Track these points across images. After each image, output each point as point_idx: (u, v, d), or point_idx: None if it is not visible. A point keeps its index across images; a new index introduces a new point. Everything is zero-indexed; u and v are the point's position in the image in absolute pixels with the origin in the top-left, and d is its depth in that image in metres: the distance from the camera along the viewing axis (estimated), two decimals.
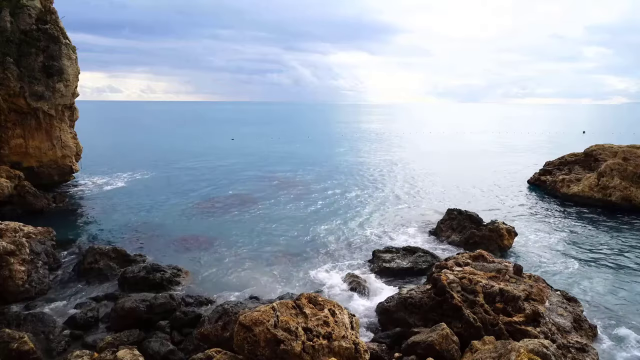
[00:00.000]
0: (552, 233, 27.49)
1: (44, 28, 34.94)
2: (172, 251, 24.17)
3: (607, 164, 34.63)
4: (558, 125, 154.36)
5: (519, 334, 13.51)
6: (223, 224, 29.21)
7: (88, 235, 26.84)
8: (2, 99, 33.16)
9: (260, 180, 44.86)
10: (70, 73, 36.31)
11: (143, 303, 16.31)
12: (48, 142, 36.64)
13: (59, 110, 36.74)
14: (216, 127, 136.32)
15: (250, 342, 11.30)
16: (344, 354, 11.50)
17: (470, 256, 18.83)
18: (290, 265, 22.28)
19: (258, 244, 25.26)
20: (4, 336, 13.50)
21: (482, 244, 23.46)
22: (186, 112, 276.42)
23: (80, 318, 16.14)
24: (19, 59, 33.69)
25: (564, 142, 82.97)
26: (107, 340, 14.50)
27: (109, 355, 12.48)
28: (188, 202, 35.19)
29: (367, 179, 46.08)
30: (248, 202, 35.24)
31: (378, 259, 21.92)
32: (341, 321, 12.28)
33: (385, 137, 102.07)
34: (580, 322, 15.16)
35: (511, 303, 14.66)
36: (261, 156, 63.99)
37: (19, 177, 32.42)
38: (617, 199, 32.71)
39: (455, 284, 15.48)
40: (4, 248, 18.01)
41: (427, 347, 13.09)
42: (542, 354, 11.10)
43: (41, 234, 21.74)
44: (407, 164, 56.95)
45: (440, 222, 27.40)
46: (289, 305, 12.29)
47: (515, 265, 17.44)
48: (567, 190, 36.38)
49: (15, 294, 17.57)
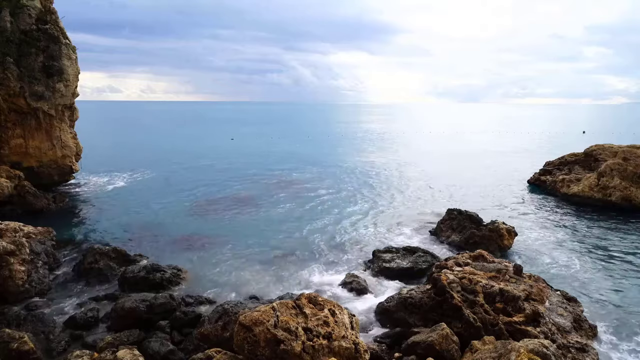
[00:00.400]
0: (552, 233, 27.49)
1: (44, 28, 34.94)
2: (172, 251, 24.16)
3: (607, 164, 34.64)
4: (558, 125, 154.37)
5: (519, 334, 13.52)
6: (223, 224, 29.21)
7: (88, 235, 26.84)
8: (2, 99, 33.16)
9: (260, 180, 44.86)
10: (70, 73, 36.31)
11: (143, 303, 16.31)
12: (48, 142, 36.64)
13: (59, 110, 36.74)
14: (216, 127, 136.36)
15: (250, 342, 11.30)
16: (344, 354, 11.50)
17: (470, 256, 18.84)
18: (290, 265, 22.27)
19: (258, 244, 25.25)
20: (4, 336, 13.50)
21: (482, 244, 23.45)
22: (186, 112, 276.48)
23: (80, 318, 16.14)
24: (19, 59, 33.69)
25: (564, 142, 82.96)
26: (107, 340, 14.50)
27: (109, 355, 12.48)
28: (188, 202, 35.19)
29: (367, 179, 46.07)
30: (248, 202, 35.24)
31: (378, 259, 21.91)
32: (341, 321, 12.28)
33: (385, 137, 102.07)
34: (580, 322, 15.16)
35: (511, 303, 14.67)
36: (261, 156, 63.98)
37: (19, 177, 32.42)
38: (617, 199, 32.71)
39: (455, 284, 15.49)
40: (4, 248, 18.01)
41: (427, 347, 13.09)
42: (542, 354, 11.10)
43: (41, 234, 21.74)
44: (407, 163, 56.95)
45: (440, 222, 27.40)
46: (289, 305, 12.29)
47: (515, 265, 17.45)
48: (567, 190, 36.38)
49: (15, 294, 17.57)
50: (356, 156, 64.85)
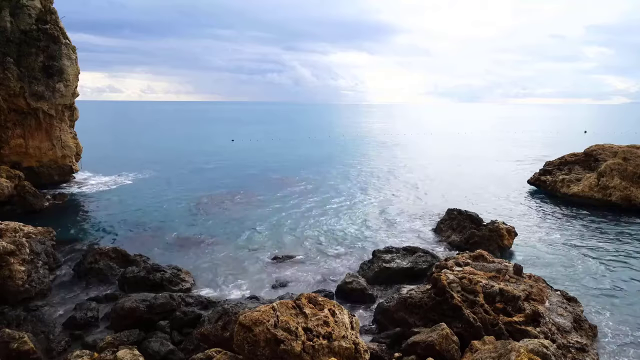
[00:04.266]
0: (552, 233, 27.48)
1: (44, 28, 34.96)
2: (172, 251, 24.17)
3: (607, 164, 34.63)
4: (558, 125, 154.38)
5: (519, 334, 13.51)
6: (223, 224, 29.21)
7: (88, 235, 26.84)
8: (2, 99, 33.17)
9: (260, 180, 44.87)
10: (70, 73, 36.33)
11: (143, 303, 16.29)
12: (48, 142, 36.66)
13: (59, 110, 36.76)
14: (216, 127, 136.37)
15: (250, 342, 11.30)
16: (344, 354, 11.50)
17: (470, 256, 18.83)
18: (290, 265, 22.29)
19: (258, 244, 25.27)
20: (4, 336, 13.50)
21: (482, 244, 23.45)
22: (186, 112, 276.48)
23: (80, 318, 16.14)
24: (19, 59, 33.71)
25: (564, 142, 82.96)
26: (107, 340, 14.49)
27: (109, 355, 12.47)
28: (188, 202, 35.18)
29: (367, 178, 46.09)
30: (248, 202, 35.26)
31: (378, 259, 21.89)
32: (341, 321, 12.28)
33: (385, 137, 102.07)
34: (580, 322, 15.15)
35: (511, 303, 14.66)
36: (261, 156, 64.01)
37: (19, 177, 32.43)
38: (617, 199, 32.71)
39: (455, 284, 15.48)
40: (4, 248, 18.00)
41: (427, 347, 13.08)
42: (542, 354, 11.10)
43: (41, 234, 21.73)
44: (407, 163, 56.96)
45: (440, 222, 27.40)
46: (289, 305, 12.28)
47: (515, 265, 17.45)
48: (567, 190, 36.37)
49: (15, 294, 17.56)
50: (356, 156, 64.86)
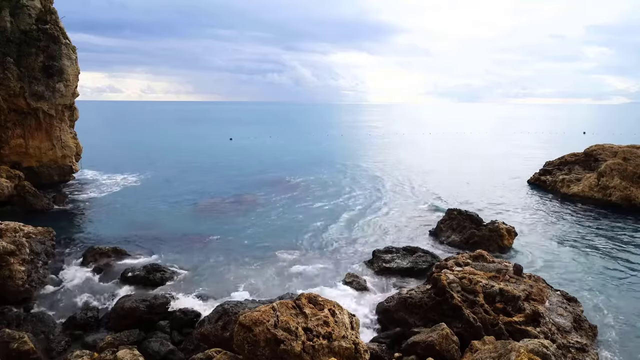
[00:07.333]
0: (552, 233, 27.47)
1: (44, 28, 34.95)
2: (172, 251, 24.14)
3: (607, 164, 34.63)
4: (558, 125, 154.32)
5: (519, 334, 13.51)
6: (223, 224, 29.19)
7: (88, 235, 26.82)
8: (2, 99, 33.17)
9: (260, 180, 44.84)
10: (70, 73, 36.32)
11: (143, 303, 16.31)
12: (48, 142, 36.66)
13: (59, 110, 36.76)
14: (216, 127, 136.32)
15: (250, 342, 11.30)
16: (344, 354, 11.50)
17: (470, 256, 18.84)
18: (290, 265, 22.26)
19: (258, 244, 25.25)
20: (4, 336, 13.50)
21: (482, 244, 23.46)
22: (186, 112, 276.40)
23: (80, 318, 16.15)
24: (19, 59, 33.71)
25: (564, 142, 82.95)
26: (107, 340, 14.50)
27: (109, 355, 12.48)
28: (188, 202, 35.17)
29: (367, 178, 46.07)
30: (248, 202, 35.23)
31: (378, 259, 21.91)
32: (341, 321, 12.28)
33: (385, 137, 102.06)
34: (580, 322, 15.15)
35: (511, 303, 14.67)
36: (261, 156, 63.99)
37: (19, 177, 32.43)
38: (617, 199, 32.71)
39: (455, 284, 15.49)
40: (4, 248, 18.00)
41: (427, 347, 13.09)
42: (542, 354, 11.10)
43: (41, 234, 21.73)
44: (407, 163, 56.92)
45: (440, 222, 27.39)
46: (289, 305, 12.29)
47: (515, 265, 17.45)
48: (567, 190, 36.38)
49: (15, 294, 17.56)
50: (356, 156, 64.83)
